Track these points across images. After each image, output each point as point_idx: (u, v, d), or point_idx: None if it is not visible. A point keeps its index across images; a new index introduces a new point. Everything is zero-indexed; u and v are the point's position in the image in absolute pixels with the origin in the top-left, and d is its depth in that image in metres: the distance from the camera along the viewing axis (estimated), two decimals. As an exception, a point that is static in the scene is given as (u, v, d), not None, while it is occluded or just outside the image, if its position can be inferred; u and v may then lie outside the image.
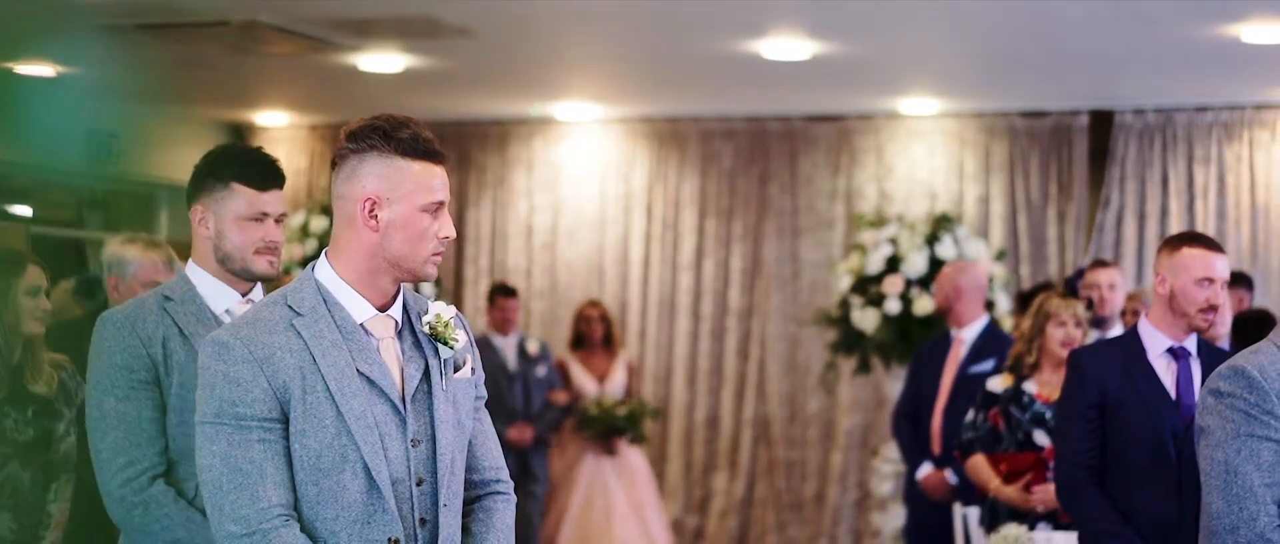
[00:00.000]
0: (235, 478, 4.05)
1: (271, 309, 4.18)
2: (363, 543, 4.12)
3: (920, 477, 9.57)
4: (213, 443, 4.09)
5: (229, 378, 4.08)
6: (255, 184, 5.05)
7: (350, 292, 4.18)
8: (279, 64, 12.18)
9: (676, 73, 12.47)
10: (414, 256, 4.17)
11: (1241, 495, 4.67)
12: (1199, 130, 13.09)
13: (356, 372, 4.14)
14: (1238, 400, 4.74)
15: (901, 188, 13.74)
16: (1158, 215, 13.15)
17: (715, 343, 14.31)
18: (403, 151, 4.13)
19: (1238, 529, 4.67)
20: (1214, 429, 4.77)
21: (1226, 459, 4.71)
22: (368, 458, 4.10)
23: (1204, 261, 6.35)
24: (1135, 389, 6.37)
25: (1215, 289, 6.35)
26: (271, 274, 5.08)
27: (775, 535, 14.13)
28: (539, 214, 14.75)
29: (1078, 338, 8.02)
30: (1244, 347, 9.34)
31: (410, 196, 4.14)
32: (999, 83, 12.68)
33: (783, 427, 14.14)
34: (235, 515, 4.04)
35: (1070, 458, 6.48)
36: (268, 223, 5.06)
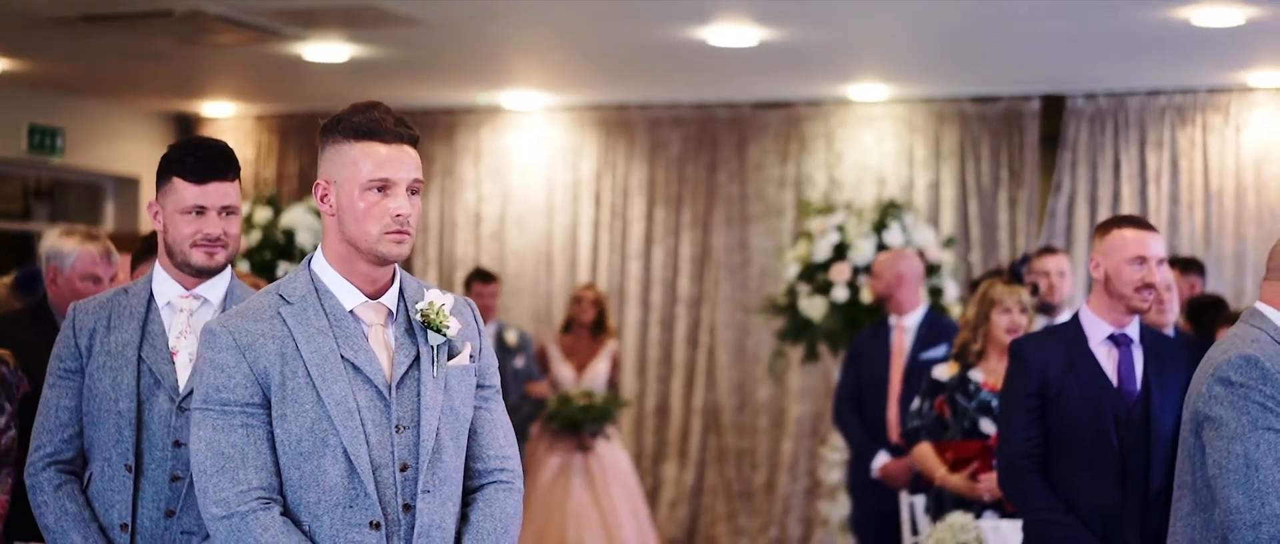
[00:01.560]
0: (218, 461, 4.17)
1: (262, 298, 4.34)
2: (344, 526, 4.19)
3: (879, 466, 9.49)
4: (200, 428, 4.21)
5: (214, 364, 4.21)
6: (193, 178, 5.03)
7: (339, 279, 4.30)
8: (224, 54, 12.11)
9: (624, 60, 12.41)
10: (364, 236, 4.23)
11: (1263, 490, 4.66)
12: (1151, 114, 13.06)
13: (341, 357, 4.23)
14: (1253, 391, 4.74)
15: (851, 174, 13.69)
16: (1110, 200, 13.12)
17: (665, 331, 14.26)
18: (349, 135, 4.25)
19: (1260, 525, 4.65)
20: (1228, 421, 4.74)
21: (1246, 453, 4.69)
22: (347, 443, 4.18)
23: (1136, 241, 6.31)
24: (1077, 377, 6.32)
25: (1150, 267, 6.30)
26: (210, 266, 5.07)
27: (725, 524, 14.09)
28: (487, 203, 14.69)
29: (1023, 325, 7.98)
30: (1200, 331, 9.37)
31: (351, 178, 4.23)
32: (949, 68, 12.64)
33: (732, 415, 14.10)
34: (216, 498, 4.15)
35: (1012, 447, 6.43)
36: (208, 215, 5.04)
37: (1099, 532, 6.26)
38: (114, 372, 4.97)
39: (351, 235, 4.24)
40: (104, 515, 4.95)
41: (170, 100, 14.68)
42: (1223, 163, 12.88)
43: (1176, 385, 6.31)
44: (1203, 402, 4.83)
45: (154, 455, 4.94)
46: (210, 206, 5.03)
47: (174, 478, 4.93)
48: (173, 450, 4.94)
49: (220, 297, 5.12)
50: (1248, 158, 12.81)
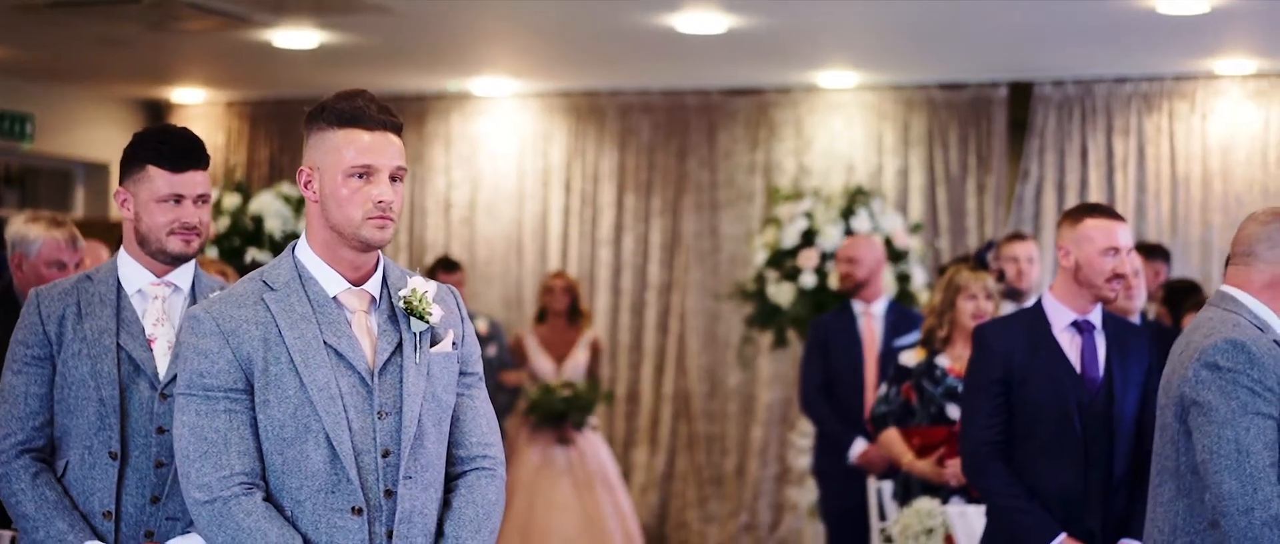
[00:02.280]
0: (201, 447, 4.20)
1: (246, 285, 4.36)
2: (326, 512, 4.23)
3: (858, 453, 9.48)
4: (183, 413, 4.24)
5: (197, 350, 4.24)
6: (170, 166, 5.03)
7: (323, 266, 4.34)
8: (194, 41, 12.10)
9: (593, 47, 12.42)
10: (348, 222, 4.27)
11: (1255, 476, 4.69)
12: (1118, 101, 13.11)
13: (324, 344, 4.27)
14: (1241, 376, 4.77)
15: (820, 161, 13.71)
16: (1077, 187, 13.17)
17: (635, 317, 14.27)
18: (333, 122, 4.28)
19: (1252, 511, 4.68)
20: (1217, 406, 4.76)
21: (1237, 438, 4.71)
22: (329, 428, 4.22)
23: (1108, 232, 6.34)
24: (1040, 363, 6.35)
25: (1121, 258, 6.34)
26: (188, 253, 5.08)
27: (696, 510, 14.12)
28: (457, 189, 14.68)
29: (989, 311, 8.03)
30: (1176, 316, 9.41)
31: (333, 164, 4.27)
32: (917, 55, 12.67)
33: (703, 401, 14.12)
34: (199, 483, 4.18)
35: (976, 433, 6.46)
36: (185, 204, 5.05)
37: (1061, 517, 6.30)
38: (93, 360, 4.95)
39: (335, 221, 4.29)
40: (83, 504, 4.94)
41: (140, 87, 14.65)
42: (1189, 150, 12.93)
43: (1138, 372, 6.36)
44: (1189, 386, 4.84)
45: (137, 442, 4.94)
46: (187, 195, 5.03)
47: (158, 464, 4.94)
48: (156, 437, 4.95)
49: (189, 283, 5.14)
50: (1214, 145, 12.87)
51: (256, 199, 11.59)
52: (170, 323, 5.06)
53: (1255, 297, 4.99)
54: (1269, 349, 4.81)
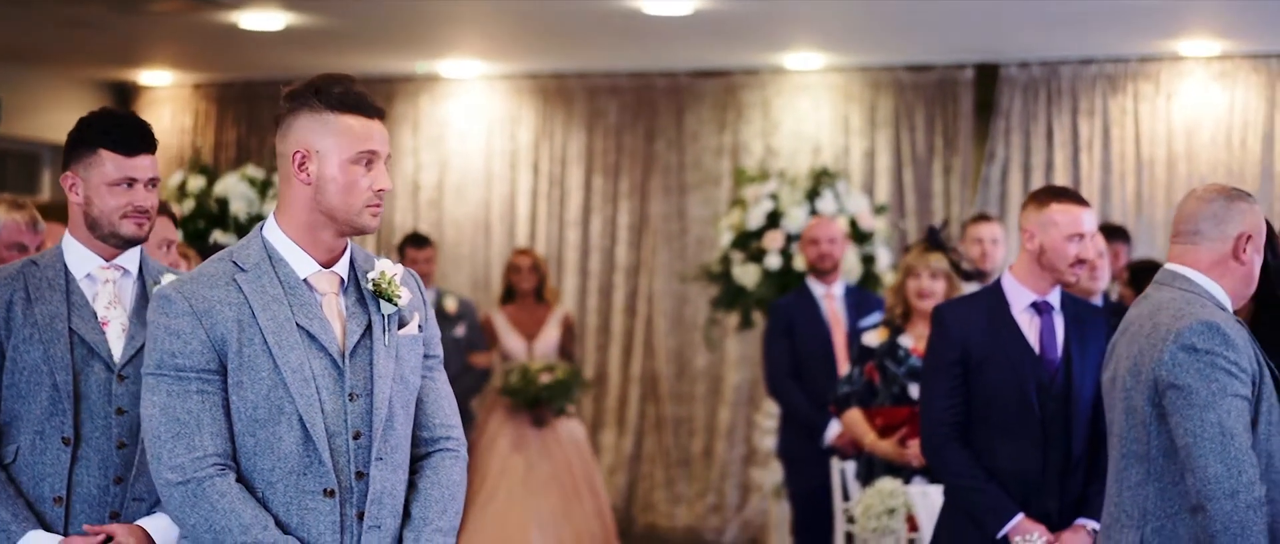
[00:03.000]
0: (173, 427, 4.20)
1: (216, 265, 4.34)
2: (298, 494, 4.25)
3: (834, 435, 9.47)
4: (154, 393, 4.23)
5: (170, 330, 4.23)
6: (122, 149, 5.01)
7: (294, 248, 4.34)
8: (161, 22, 12.08)
9: (561, 29, 12.41)
10: (348, 208, 4.29)
11: (1239, 459, 4.70)
12: (1083, 83, 13.15)
13: (296, 325, 4.28)
14: (1219, 358, 4.78)
15: (787, 143, 13.73)
16: (1043, 168, 13.20)
17: (603, 300, 14.28)
18: (332, 106, 4.29)
19: (1238, 494, 4.69)
20: (1197, 389, 4.76)
21: (1219, 421, 4.72)
22: (302, 410, 4.23)
23: (1073, 217, 6.35)
24: (999, 344, 6.37)
25: (1085, 244, 6.36)
26: (140, 236, 5.05)
27: (664, 492, 14.14)
28: (425, 171, 14.67)
29: (936, 291, 8.07)
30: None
31: (339, 149, 4.28)
32: (884, 36, 12.69)
33: (670, 383, 14.14)
34: (172, 464, 4.18)
35: (934, 414, 6.48)
36: (137, 188, 5.02)
37: (1019, 497, 6.32)
38: (45, 344, 4.91)
39: (331, 206, 4.29)
40: (33, 489, 4.90)
41: (108, 68, 14.61)
42: (1154, 131, 12.97)
43: (1097, 353, 6.36)
44: (1165, 369, 4.83)
45: (96, 425, 4.90)
46: (139, 178, 5.01)
47: (120, 445, 4.90)
48: (116, 418, 4.91)
49: (137, 267, 5.11)
50: (1178, 126, 12.91)
51: (221, 181, 11.54)
52: (122, 306, 5.03)
53: (1205, 274, 5.02)
54: (1238, 329, 4.85)
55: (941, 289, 8.08)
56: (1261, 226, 5.09)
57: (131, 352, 4.93)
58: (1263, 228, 5.10)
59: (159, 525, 4.86)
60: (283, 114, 4.35)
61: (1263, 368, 4.88)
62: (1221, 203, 5.06)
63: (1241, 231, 5.02)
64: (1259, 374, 4.85)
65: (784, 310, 10.08)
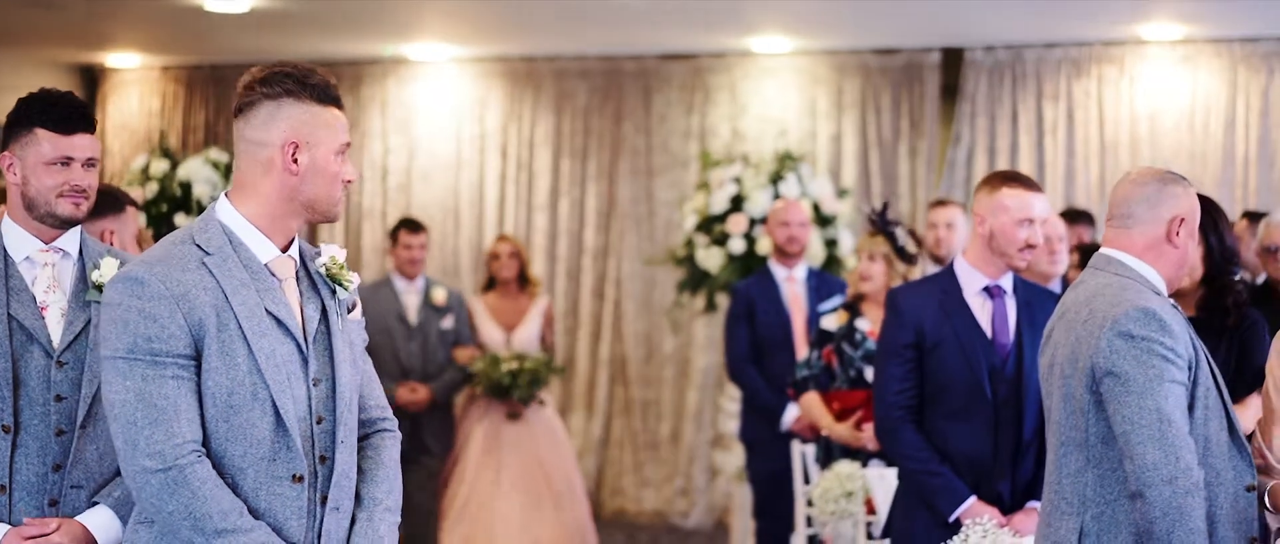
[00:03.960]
0: (150, 413, 4.13)
1: (181, 247, 4.28)
2: (268, 480, 4.24)
3: (793, 420, 9.50)
4: (126, 378, 4.16)
5: (145, 314, 4.16)
6: (59, 128, 4.98)
7: (255, 232, 4.32)
8: (126, 4, 12.06)
9: (529, 11, 12.41)
10: (329, 198, 4.36)
11: (1177, 444, 4.72)
12: (1048, 67, 13.21)
13: (265, 311, 4.27)
14: (1155, 344, 4.79)
15: (754, 126, 13.75)
16: (1008, 151, 13.26)
17: (571, 283, 14.30)
18: (317, 98, 4.33)
19: (1176, 480, 4.71)
20: (1134, 376, 4.78)
21: (1157, 407, 4.74)
22: (276, 396, 4.23)
23: (1023, 202, 6.38)
24: (951, 328, 6.40)
25: (1035, 229, 6.38)
26: (77, 217, 5.02)
27: (632, 475, 14.17)
28: (393, 155, 14.67)
29: (873, 273, 8.13)
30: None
31: (326, 141, 4.32)
32: (850, 20, 12.72)
33: (638, 366, 14.17)
34: (150, 450, 4.12)
35: (887, 398, 6.52)
36: (74, 167, 4.99)
37: (971, 480, 6.36)
38: None
39: (314, 196, 4.33)
40: None
41: (74, 51, 14.59)
42: (1117, 115, 13.04)
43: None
44: (1102, 356, 4.84)
45: (34, 411, 4.85)
46: (76, 158, 4.99)
47: (58, 432, 4.85)
48: (55, 405, 4.86)
49: (77, 249, 5.06)
50: (1141, 110, 12.97)
51: (185, 165, 11.53)
52: (62, 289, 4.98)
53: (1139, 258, 5.03)
54: (1174, 315, 4.88)
55: (880, 271, 8.13)
56: (1195, 210, 5.10)
57: (70, 337, 4.90)
58: (1196, 210, 5.11)
59: (99, 521, 4.84)
60: (255, 100, 4.33)
61: (1198, 353, 4.90)
62: (1154, 186, 5.07)
63: (1174, 215, 5.03)
64: (1195, 359, 4.87)
65: (744, 294, 10.08)
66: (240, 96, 4.35)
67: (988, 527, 5.82)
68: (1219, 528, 4.84)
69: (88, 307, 4.95)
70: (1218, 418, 4.91)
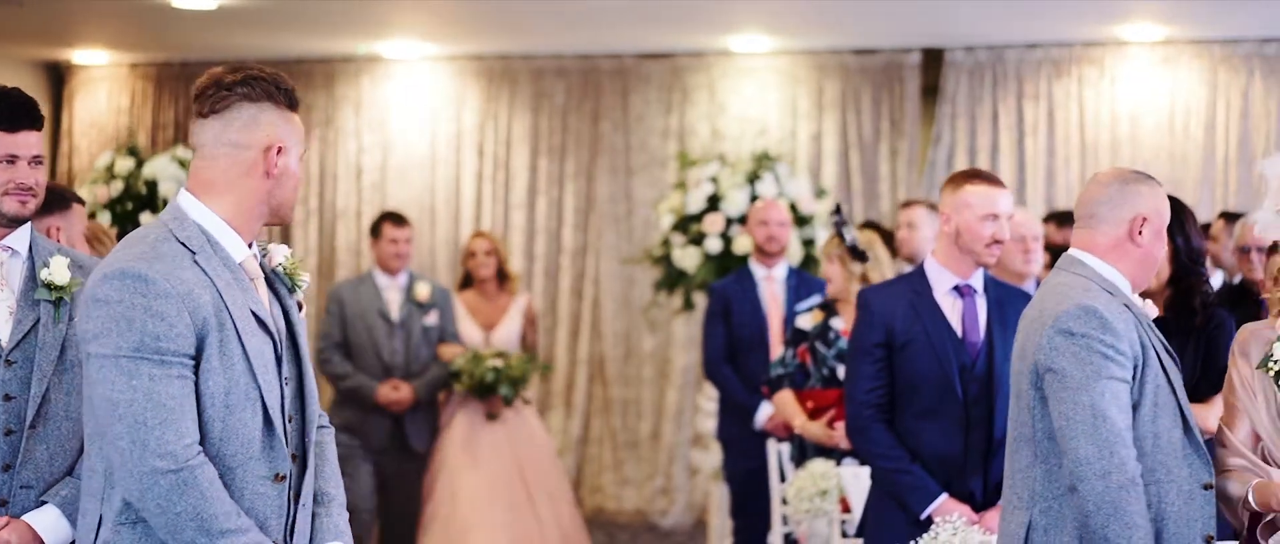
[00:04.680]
0: (160, 413, 4.10)
1: (167, 245, 4.25)
2: (253, 479, 4.25)
3: (765, 418, 9.48)
4: (132, 377, 4.10)
5: (152, 312, 4.12)
6: (4, 126, 4.95)
7: (230, 232, 4.33)
8: (94, 1, 12.00)
9: (505, 9, 12.37)
10: (292, 202, 4.43)
11: (1111, 440, 4.77)
12: (1028, 67, 13.19)
13: (249, 311, 4.29)
14: (1094, 340, 4.84)
15: (734, 126, 13.72)
16: (989, 152, 13.25)
17: (549, 282, 14.26)
18: (289, 103, 4.40)
19: (1109, 475, 4.76)
20: (1071, 372, 4.83)
21: (1092, 403, 4.79)
22: (266, 395, 4.26)
23: (987, 197, 6.40)
24: (922, 327, 6.43)
25: (1000, 224, 6.40)
26: (23, 214, 4.98)
27: (612, 474, 14.15)
28: (368, 154, 14.60)
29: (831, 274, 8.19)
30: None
31: (296, 146, 4.40)
32: (830, 20, 12.70)
33: (617, 365, 14.14)
34: (161, 451, 4.08)
35: (858, 396, 6.55)
36: (19, 164, 4.96)
37: (942, 479, 6.40)
38: None
39: (284, 199, 4.37)
40: None
41: (42, 48, 14.50)
42: (1098, 115, 13.05)
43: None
44: (1043, 353, 4.89)
45: None
46: (21, 155, 4.95)
47: (8, 432, 4.81)
48: (3, 404, 4.82)
49: (26, 247, 5.02)
50: (1122, 111, 12.98)
51: (150, 163, 11.44)
52: (10, 288, 4.95)
53: (1102, 258, 5.05)
54: (1121, 312, 4.91)
55: (836, 272, 8.16)
56: (1160, 209, 5.12)
57: (19, 335, 4.86)
58: (1162, 210, 5.13)
59: (46, 521, 4.81)
60: (233, 102, 4.33)
61: (1149, 350, 4.93)
62: (1117, 186, 5.11)
63: (1136, 214, 5.05)
64: (1143, 357, 4.90)
65: (722, 293, 10.09)
66: (213, 96, 4.35)
67: (958, 524, 5.81)
68: (1170, 525, 4.88)
69: (37, 305, 4.92)
70: (1170, 416, 4.93)
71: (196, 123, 4.37)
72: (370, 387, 10.60)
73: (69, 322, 4.91)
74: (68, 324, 4.92)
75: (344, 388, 10.72)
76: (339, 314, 10.78)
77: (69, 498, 4.80)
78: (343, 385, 10.72)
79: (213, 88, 4.34)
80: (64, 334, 4.92)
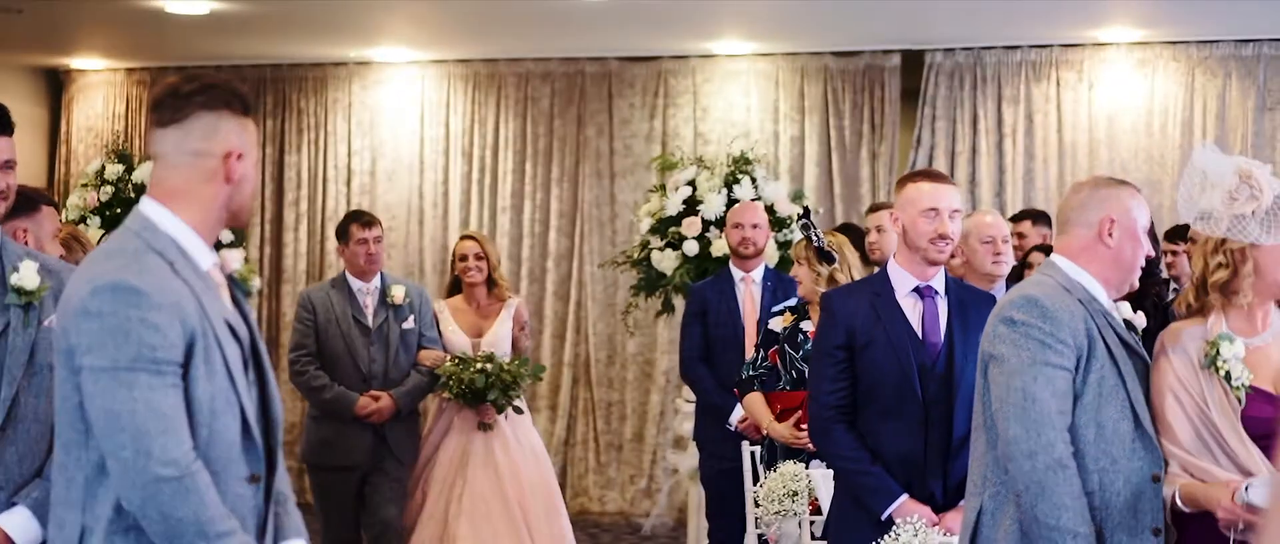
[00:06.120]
0: (161, 422, 4.12)
1: (148, 257, 4.26)
2: (233, 481, 4.30)
3: (738, 419, 9.53)
4: (131, 388, 4.11)
5: (147, 324, 4.14)
6: None
7: (197, 240, 4.36)
8: (89, 8, 12.08)
9: (492, 14, 12.45)
10: (250, 206, 4.51)
11: (1039, 421, 4.91)
12: (1007, 70, 13.28)
13: (222, 318, 4.33)
14: (1032, 329, 4.98)
15: (717, 129, 13.81)
16: (968, 154, 13.33)
17: (535, 285, 14.34)
18: (245, 110, 4.44)
19: (1036, 455, 4.91)
20: (1009, 357, 5.00)
21: (1024, 386, 4.94)
22: (243, 401, 4.32)
23: (926, 193, 6.48)
24: (882, 328, 6.45)
25: (942, 219, 6.45)
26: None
27: (595, 476, 14.21)
28: (357, 158, 14.70)
29: (800, 277, 8.20)
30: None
31: (251, 152, 4.44)
32: (811, 23, 12.77)
33: (601, 368, 14.21)
34: (165, 459, 4.10)
35: (821, 398, 6.56)
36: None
37: (904, 479, 6.39)
38: None
39: (241, 204, 4.43)
40: None
41: (39, 55, 14.61)
42: (1076, 118, 13.14)
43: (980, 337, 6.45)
44: (988, 341, 5.09)
45: None
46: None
47: None
48: None
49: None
50: (1100, 113, 13.07)
51: (141, 168, 11.53)
52: None
53: (1073, 261, 5.20)
54: (1068, 306, 5.03)
55: (805, 274, 8.19)
56: (1129, 210, 5.23)
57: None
58: (1132, 212, 5.23)
59: (17, 522, 4.85)
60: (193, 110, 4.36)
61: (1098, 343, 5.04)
62: (1087, 191, 5.28)
63: (1103, 216, 5.19)
64: (1089, 349, 5.02)
65: (699, 294, 10.13)
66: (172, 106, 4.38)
67: (919, 525, 5.87)
68: (1115, 514, 4.98)
69: (6, 309, 4.94)
70: (1117, 407, 5.02)
71: (155, 132, 4.39)
72: (350, 398, 9.80)
73: (39, 325, 4.94)
74: (37, 328, 4.93)
75: (324, 400, 9.86)
76: (311, 323, 9.96)
77: (40, 500, 4.82)
78: (323, 397, 9.86)
79: (171, 97, 4.37)
80: (34, 338, 4.94)
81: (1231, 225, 5.02)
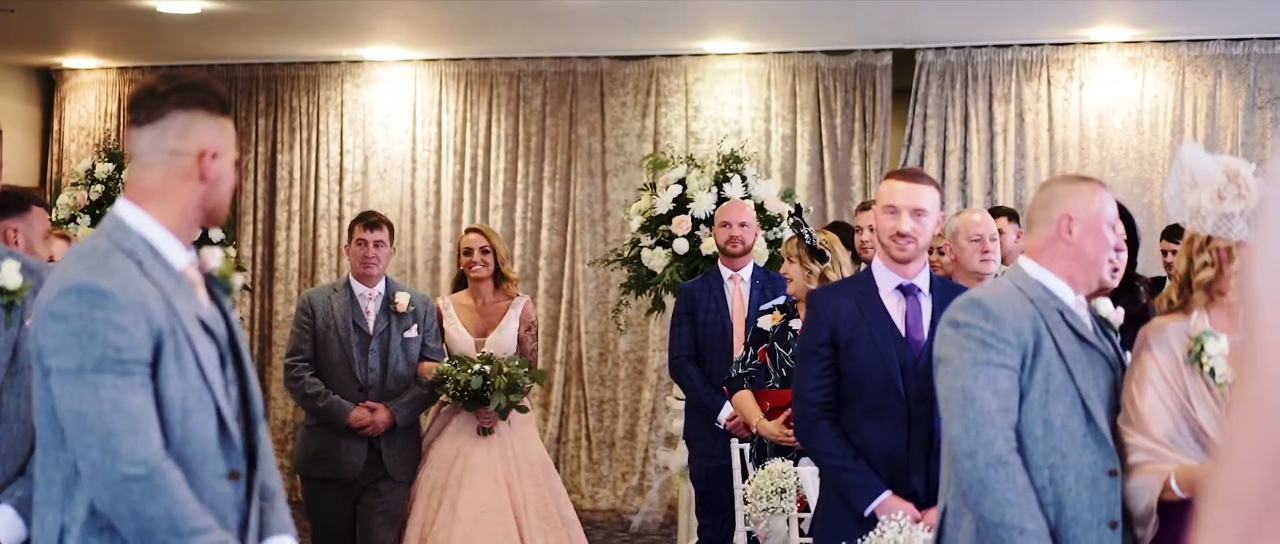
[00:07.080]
0: (129, 422, 4.15)
1: (116, 258, 4.28)
2: (211, 479, 4.32)
3: (727, 417, 9.54)
4: (98, 389, 4.14)
5: (112, 324, 4.17)
6: None
7: (171, 239, 4.37)
8: (81, 7, 12.09)
9: (484, 13, 12.47)
10: (226, 204, 4.51)
11: (979, 420, 4.97)
12: (998, 69, 13.30)
13: (196, 317, 4.34)
14: (974, 329, 5.04)
15: (709, 127, 13.84)
16: (960, 153, 13.35)
17: (527, 284, 14.35)
18: (222, 110, 4.47)
19: (976, 453, 4.96)
20: (952, 358, 5.07)
21: (964, 386, 5.00)
22: (218, 398, 4.33)
23: (888, 191, 6.52)
24: (866, 326, 6.49)
25: (900, 217, 6.46)
26: None
27: (588, 473, 14.24)
28: (350, 156, 14.73)
29: (791, 274, 8.21)
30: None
31: (229, 150, 4.46)
32: (802, 22, 12.79)
33: (593, 366, 14.24)
34: (133, 459, 4.13)
35: (805, 395, 6.59)
36: None
37: (887, 476, 6.42)
38: None
39: (218, 203, 4.45)
40: None
41: (31, 54, 14.64)
42: (1067, 116, 13.16)
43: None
44: (936, 344, 5.17)
45: None
46: None
47: None
48: None
49: None
50: (1090, 112, 13.09)
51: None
52: None
53: (1036, 260, 5.23)
54: (1014, 305, 5.09)
55: (796, 271, 8.21)
56: (1091, 207, 5.23)
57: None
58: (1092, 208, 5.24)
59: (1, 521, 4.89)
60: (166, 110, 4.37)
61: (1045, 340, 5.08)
62: (1049, 190, 5.33)
63: (1063, 213, 5.22)
64: (1036, 346, 5.06)
65: (688, 293, 10.15)
66: (147, 106, 4.40)
67: (902, 522, 5.90)
68: (1069, 509, 5.03)
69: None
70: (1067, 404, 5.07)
71: (132, 132, 4.42)
72: (344, 407, 9.38)
73: (21, 325, 4.97)
74: (20, 327, 4.97)
75: (317, 408, 9.45)
76: (310, 326, 9.54)
77: (24, 498, 4.87)
78: (316, 406, 9.45)
79: (146, 97, 4.40)
80: (15, 337, 4.98)
81: (1218, 223, 5.04)
